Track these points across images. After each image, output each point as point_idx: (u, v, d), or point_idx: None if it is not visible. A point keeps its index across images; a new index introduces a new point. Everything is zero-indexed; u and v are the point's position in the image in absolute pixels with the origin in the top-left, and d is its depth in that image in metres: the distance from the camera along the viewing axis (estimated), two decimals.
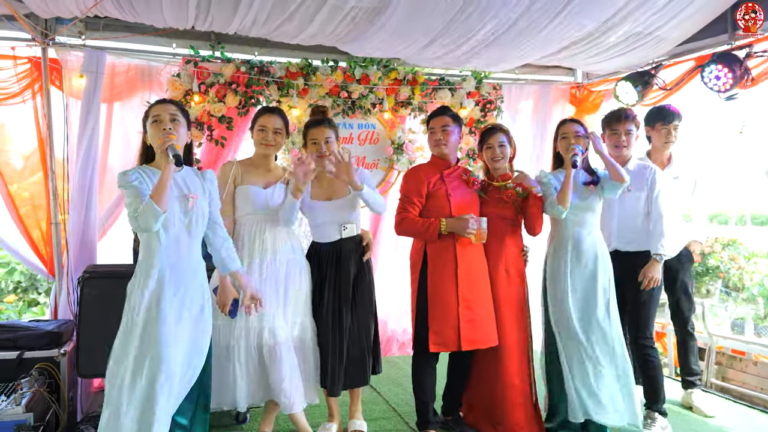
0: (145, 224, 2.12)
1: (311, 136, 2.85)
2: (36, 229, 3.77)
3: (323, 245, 2.86)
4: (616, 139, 3.13)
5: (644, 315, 3.05)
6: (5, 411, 2.70)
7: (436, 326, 2.78)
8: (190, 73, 3.93)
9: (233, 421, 3.14)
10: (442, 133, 2.91)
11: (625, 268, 3.02)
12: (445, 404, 3.08)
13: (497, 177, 3.01)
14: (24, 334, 3.26)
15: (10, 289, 5.14)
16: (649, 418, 2.99)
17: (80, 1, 3.05)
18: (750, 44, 3.45)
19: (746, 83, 3.42)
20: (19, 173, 3.76)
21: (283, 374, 2.63)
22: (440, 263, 2.82)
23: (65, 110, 3.76)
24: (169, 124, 2.26)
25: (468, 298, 2.81)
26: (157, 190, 2.12)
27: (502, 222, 2.94)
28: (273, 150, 2.86)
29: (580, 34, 3.51)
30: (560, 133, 2.98)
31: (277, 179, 2.85)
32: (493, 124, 3.16)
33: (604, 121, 3.26)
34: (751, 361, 3.77)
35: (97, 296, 3.02)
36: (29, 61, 3.70)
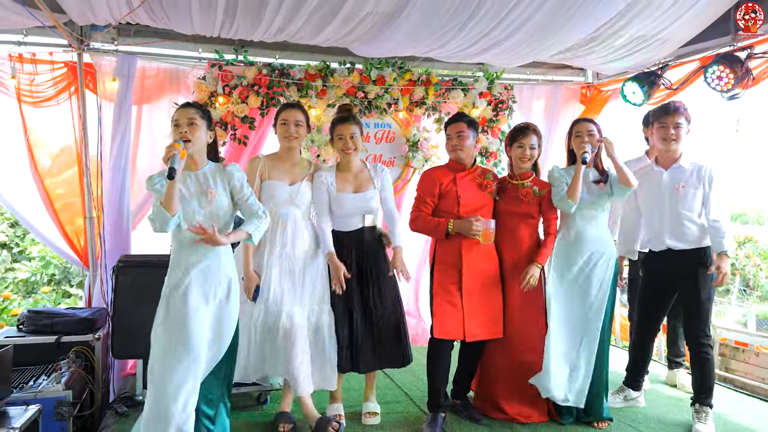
0: (160, 227, 2.35)
1: (338, 132, 3.05)
2: (70, 223, 4.01)
3: (346, 233, 3.05)
4: (665, 132, 3.05)
5: (705, 313, 3.03)
6: (47, 388, 2.93)
7: (440, 317, 2.96)
8: (215, 75, 4.14)
9: (255, 402, 3.35)
10: (457, 138, 3.05)
11: (679, 266, 3.04)
12: (455, 388, 3.24)
13: (518, 175, 3.13)
14: (61, 320, 3.50)
15: (45, 281, 5.44)
16: (702, 413, 3.03)
17: (116, 9, 3.27)
18: (751, 45, 3.54)
19: (747, 83, 3.51)
20: (54, 171, 4.00)
21: (295, 357, 2.82)
22: (446, 260, 3.00)
23: (99, 111, 4.00)
24: (186, 128, 2.44)
25: (471, 293, 2.96)
26: (165, 197, 2.33)
27: (517, 218, 3.06)
28: (296, 143, 3.02)
29: (586, 37, 3.63)
30: (574, 131, 3.08)
31: (302, 173, 3.03)
32: (527, 124, 3.17)
33: (653, 114, 3.21)
34: (753, 352, 3.86)
35: (131, 284, 3.24)
36: (65, 65, 3.96)
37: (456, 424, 3.05)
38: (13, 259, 5.57)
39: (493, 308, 3.02)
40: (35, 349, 3.36)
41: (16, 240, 5.59)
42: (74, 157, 3.99)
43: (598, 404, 3.07)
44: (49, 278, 5.43)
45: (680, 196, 3.05)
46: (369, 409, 3.12)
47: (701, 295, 3.00)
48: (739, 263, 6.90)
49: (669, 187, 3.10)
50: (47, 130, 3.98)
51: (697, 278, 3.01)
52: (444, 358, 3.01)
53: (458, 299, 2.96)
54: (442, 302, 2.97)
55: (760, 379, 3.77)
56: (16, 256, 5.59)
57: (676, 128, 3.04)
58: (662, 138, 3.08)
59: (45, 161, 3.97)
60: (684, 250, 3.06)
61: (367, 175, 3.10)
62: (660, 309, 3.25)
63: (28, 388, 2.94)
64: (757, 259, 7.02)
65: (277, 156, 3.06)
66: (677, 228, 3.07)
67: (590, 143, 2.99)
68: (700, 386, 3.08)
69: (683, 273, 3.05)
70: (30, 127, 3.88)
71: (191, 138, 2.43)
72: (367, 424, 3.05)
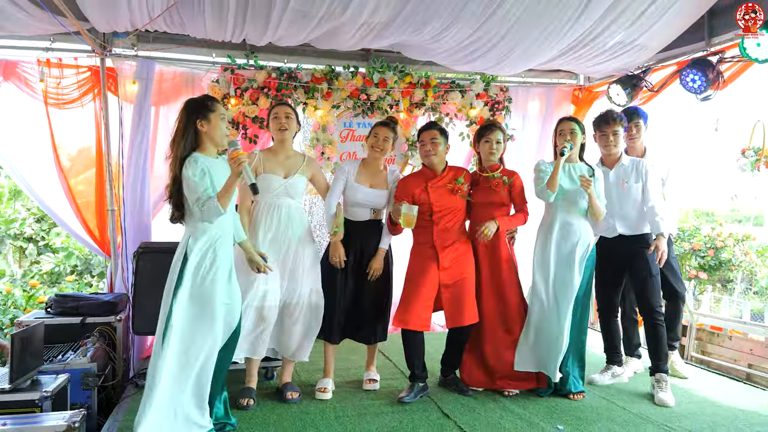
0: (207, 218, 2.55)
1: (375, 131, 3.38)
2: (92, 216, 4.31)
3: (353, 222, 3.34)
4: (605, 140, 3.48)
5: (655, 286, 3.41)
6: (74, 361, 3.24)
7: (402, 307, 3.26)
8: (228, 79, 4.44)
9: (263, 378, 3.63)
10: (431, 144, 3.30)
11: (629, 250, 3.44)
12: (443, 367, 3.52)
13: (487, 168, 3.42)
14: (86, 303, 3.81)
15: (68, 272, 5.78)
16: (662, 381, 3.35)
17: (136, 17, 3.57)
18: (722, 50, 3.76)
19: (719, 85, 3.73)
20: (76, 169, 4.29)
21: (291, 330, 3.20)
22: (420, 257, 3.31)
23: (120, 112, 4.31)
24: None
25: (449, 286, 3.26)
26: (223, 195, 2.52)
27: (491, 207, 3.35)
28: (288, 134, 3.27)
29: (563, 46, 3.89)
30: (558, 129, 3.40)
31: (296, 166, 3.30)
32: (493, 122, 3.52)
33: (594, 124, 3.58)
34: (727, 336, 4.07)
35: (150, 267, 3.54)
36: (89, 69, 4.27)
37: (445, 395, 3.37)
38: (38, 252, 5.92)
39: (468, 299, 3.28)
40: (62, 329, 3.67)
41: (41, 234, 5.94)
42: (95, 156, 4.29)
43: (573, 378, 3.34)
44: (72, 269, 5.77)
45: (625, 191, 3.44)
46: (370, 377, 3.48)
47: (652, 270, 3.39)
48: (735, 259, 7.06)
49: (615, 185, 3.48)
50: (71, 131, 4.27)
51: (645, 257, 3.38)
52: (414, 340, 3.31)
53: (424, 293, 3.23)
54: (406, 295, 3.27)
55: (732, 360, 3.98)
56: (42, 249, 5.93)
57: (615, 135, 3.45)
58: (604, 145, 3.51)
59: (68, 159, 4.26)
60: (632, 235, 3.46)
61: (384, 176, 3.43)
62: (616, 287, 3.61)
63: (58, 361, 3.24)
64: (753, 256, 7.18)
65: (272, 150, 3.33)
66: (625, 218, 3.46)
67: (572, 140, 3.28)
68: (655, 353, 3.41)
69: (632, 254, 3.43)
70: (55, 128, 4.19)
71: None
72: (367, 389, 3.42)
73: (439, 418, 3.05)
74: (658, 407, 3.25)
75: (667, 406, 3.25)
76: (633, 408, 3.23)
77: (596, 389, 3.53)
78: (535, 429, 2.92)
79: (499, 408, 3.20)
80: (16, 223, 5.77)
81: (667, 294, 3.75)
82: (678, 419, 3.07)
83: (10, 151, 4.16)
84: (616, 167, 3.50)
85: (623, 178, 3.46)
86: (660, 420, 3.05)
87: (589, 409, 3.21)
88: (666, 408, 3.24)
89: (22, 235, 5.88)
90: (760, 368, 3.81)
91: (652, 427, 2.97)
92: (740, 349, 3.96)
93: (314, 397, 3.28)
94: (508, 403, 3.28)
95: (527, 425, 2.97)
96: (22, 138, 4.17)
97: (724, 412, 3.20)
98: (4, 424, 2.42)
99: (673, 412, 3.19)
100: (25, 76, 4.11)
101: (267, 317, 3.13)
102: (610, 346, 3.71)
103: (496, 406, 3.23)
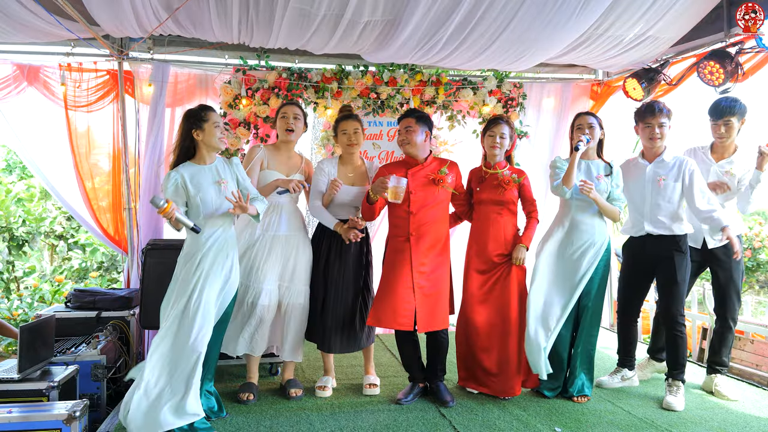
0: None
1: (342, 128, 3.33)
2: (110, 215, 4.48)
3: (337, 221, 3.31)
4: (650, 132, 3.29)
5: (680, 295, 3.22)
6: (85, 353, 3.37)
7: (378, 304, 3.15)
8: (239, 80, 4.53)
9: (267, 373, 3.70)
10: (405, 133, 3.18)
11: (657, 251, 3.26)
12: (426, 375, 3.32)
13: (494, 165, 3.32)
14: (101, 298, 3.98)
15: (94, 268, 6.02)
16: (674, 386, 3.24)
17: (145, 22, 3.68)
18: (742, 41, 3.60)
19: (738, 77, 3.57)
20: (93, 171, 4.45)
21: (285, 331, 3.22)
22: (396, 251, 3.17)
23: (136, 114, 4.47)
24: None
25: (422, 285, 3.12)
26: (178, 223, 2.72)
27: (500, 206, 3.25)
28: (294, 135, 3.31)
29: (572, 39, 3.79)
30: (576, 124, 3.31)
31: (296, 166, 3.35)
32: (500, 116, 3.39)
33: (637, 115, 3.39)
34: (749, 340, 3.89)
35: (158, 264, 3.65)
36: (108, 73, 4.44)
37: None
38: (69, 248, 6.19)
39: (441, 301, 3.19)
40: (79, 323, 3.85)
41: (71, 231, 6.20)
42: (113, 155, 4.46)
43: (580, 381, 3.26)
44: (98, 265, 6.00)
45: (661, 188, 3.26)
46: (369, 381, 3.42)
47: (677, 277, 3.20)
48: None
49: (651, 180, 3.29)
50: (90, 133, 4.45)
51: (673, 262, 3.21)
52: (406, 342, 3.24)
53: (400, 291, 3.09)
54: (382, 292, 3.15)
55: (754, 365, 3.81)
56: (72, 246, 6.20)
57: (660, 127, 3.27)
58: (648, 137, 3.32)
59: (86, 161, 4.42)
60: (661, 235, 3.26)
61: (364, 171, 3.37)
62: (639, 291, 3.43)
63: (69, 353, 3.38)
64: None
65: (276, 147, 3.37)
66: (656, 216, 3.27)
67: (590, 135, 3.19)
68: (673, 362, 3.27)
69: (661, 257, 3.25)
70: (74, 131, 4.37)
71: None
72: (367, 394, 3.34)
73: (435, 417, 3.03)
74: (665, 412, 3.15)
75: (673, 410, 3.15)
76: (638, 412, 3.14)
77: (603, 392, 3.44)
78: (531, 430, 2.87)
79: (498, 408, 3.16)
80: (46, 220, 6.04)
81: (718, 309, 3.47)
82: (684, 424, 2.97)
83: (34, 154, 4.37)
84: (655, 162, 3.31)
85: (662, 175, 3.27)
86: (665, 425, 2.95)
87: (591, 412, 3.14)
88: (673, 413, 3.13)
89: (53, 233, 6.16)
90: None
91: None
92: (763, 353, 3.79)
93: (314, 394, 3.31)
94: (507, 403, 3.23)
95: (524, 426, 2.92)
96: (44, 141, 4.37)
97: (735, 419, 3.07)
98: (9, 411, 2.55)
99: (680, 417, 3.09)
100: (46, 80, 4.30)
101: (263, 316, 3.18)
102: (623, 349, 3.58)
103: (494, 407, 3.18)
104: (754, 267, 7.48)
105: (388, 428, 2.87)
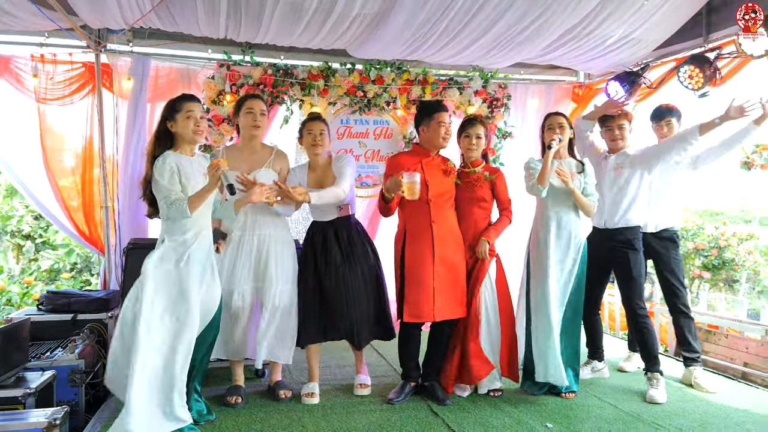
0: (174, 216, 2.62)
1: (307, 128, 3.28)
2: (83, 214, 4.29)
3: (326, 222, 3.28)
4: (611, 134, 3.54)
5: (637, 287, 3.38)
6: (62, 357, 3.23)
7: (411, 299, 3.12)
8: (223, 75, 4.42)
9: (253, 375, 3.62)
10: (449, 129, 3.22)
11: (614, 243, 3.42)
12: (424, 371, 3.34)
13: (469, 163, 3.37)
14: (77, 300, 3.82)
15: (67, 269, 5.80)
16: (654, 379, 3.32)
17: (127, 13, 3.57)
18: (720, 47, 3.71)
19: (716, 82, 3.67)
20: (68, 166, 4.25)
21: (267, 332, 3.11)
22: (418, 241, 3.15)
23: (115, 109, 4.31)
24: (201, 122, 2.72)
25: (442, 273, 3.13)
26: (195, 200, 2.58)
27: (472, 202, 3.29)
28: (259, 131, 3.21)
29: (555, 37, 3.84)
30: (546, 124, 3.37)
31: (262, 160, 3.19)
32: (475, 116, 3.45)
33: (600, 119, 3.61)
34: (723, 335, 4.01)
35: (139, 264, 3.48)
36: (84, 65, 4.25)
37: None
38: (36, 249, 5.94)
39: (459, 289, 3.21)
40: (53, 326, 3.69)
41: (39, 231, 5.95)
42: (88, 152, 4.27)
43: (567, 377, 3.28)
44: (72, 266, 5.78)
45: (618, 177, 3.45)
46: (360, 381, 3.37)
47: (632, 272, 3.36)
48: (739, 259, 6.98)
49: (611, 169, 3.47)
50: (62, 128, 4.25)
51: (627, 258, 3.37)
52: (413, 337, 3.25)
53: (429, 279, 3.10)
54: (414, 285, 3.12)
55: (729, 359, 3.93)
56: (40, 247, 5.95)
57: (620, 129, 3.52)
58: (610, 139, 3.57)
59: (57, 158, 4.22)
60: (617, 229, 3.44)
61: (330, 169, 3.27)
62: (598, 284, 3.58)
63: (45, 358, 3.23)
64: (757, 255, 7.11)
65: (237, 147, 3.25)
66: (613, 207, 3.45)
67: (560, 134, 3.25)
68: (646, 355, 3.37)
69: (616, 252, 3.42)
70: (45, 125, 4.16)
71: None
72: (358, 394, 3.30)
73: (428, 416, 3.02)
74: (650, 405, 3.21)
75: (656, 403, 3.21)
76: (624, 406, 3.19)
77: (589, 387, 3.49)
78: (523, 427, 2.88)
79: (490, 406, 3.17)
80: (13, 219, 5.79)
81: (668, 300, 3.64)
82: (669, 417, 3.03)
83: (2, 149, 4.16)
84: (618, 153, 3.54)
85: (620, 163, 3.48)
86: (650, 418, 3.01)
87: (580, 407, 3.17)
88: (657, 406, 3.20)
89: (20, 233, 5.90)
90: (755, 367, 3.75)
91: (642, 425, 2.92)
92: (736, 347, 3.90)
93: (301, 401, 3.19)
94: (499, 401, 3.24)
95: (516, 423, 2.93)
96: (13, 135, 4.16)
97: (716, 411, 3.15)
98: None
99: (664, 409, 3.15)
100: (17, 72, 4.10)
101: (238, 317, 3.10)
102: (590, 342, 3.71)
103: (486, 404, 3.19)
104: (720, 265, 7.74)
105: (381, 428, 2.84)
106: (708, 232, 7.47)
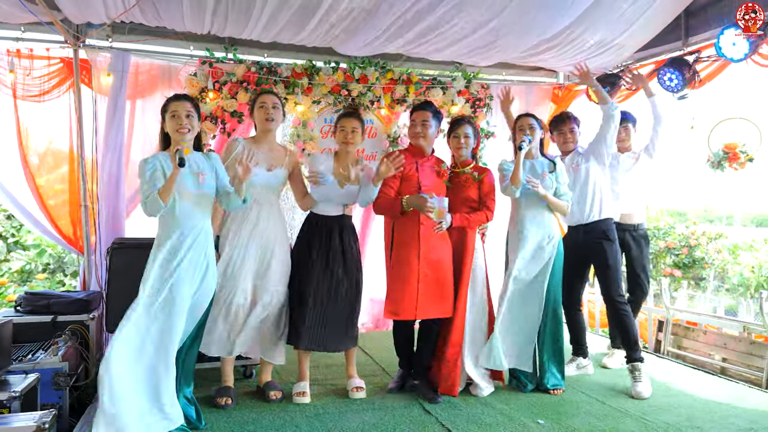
0: (150, 212, 2.62)
1: (341, 124, 3.27)
2: (62, 212, 4.17)
3: (327, 217, 3.24)
4: (563, 138, 3.70)
5: (615, 276, 3.50)
6: (45, 360, 3.13)
7: (392, 296, 3.16)
8: (206, 72, 4.35)
9: (241, 376, 3.57)
10: (422, 126, 3.27)
11: (588, 238, 3.56)
12: (414, 368, 3.38)
13: (459, 163, 3.41)
14: (56, 301, 3.70)
15: (40, 270, 5.61)
16: (636, 371, 3.40)
17: (111, 8, 3.48)
18: (698, 50, 3.82)
19: (695, 84, 3.79)
20: (46, 164, 4.14)
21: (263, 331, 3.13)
22: (404, 242, 3.18)
23: (94, 105, 4.19)
24: (185, 120, 2.70)
25: (427, 274, 3.14)
26: (163, 188, 2.58)
27: (459, 202, 3.32)
28: (274, 125, 3.20)
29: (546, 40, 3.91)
30: (518, 126, 3.46)
31: (280, 159, 3.22)
32: (462, 116, 3.51)
33: (551, 124, 3.76)
34: (702, 331, 4.14)
35: (124, 264, 3.45)
36: (62, 61, 4.13)
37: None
38: (8, 249, 5.73)
39: (445, 289, 3.23)
40: (32, 328, 3.56)
41: (12, 231, 5.75)
42: (67, 150, 4.15)
43: (551, 374, 3.37)
44: (44, 267, 5.60)
45: (578, 173, 3.58)
46: (355, 384, 3.32)
47: (608, 262, 3.50)
48: (708, 257, 7.21)
49: (570, 169, 3.60)
50: (40, 125, 4.13)
51: (603, 249, 3.50)
52: (403, 333, 3.34)
53: (414, 279, 3.12)
54: (397, 283, 3.15)
55: (707, 354, 4.05)
56: (12, 247, 5.75)
57: (571, 133, 3.69)
58: (562, 142, 3.73)
59: (36, 156, 4.10)
60: (590, 223, 3.55)
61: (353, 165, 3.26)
62: (577, 280, 3.69)
63: (27, 361, 3.13)
64: (725, 254, 7.37)
65: (255, 141, 3.23)
66: (581, 203, 3.56)
67: (531, 135, 3.33)
68: (627, 342, 3.46)
69: (592, 245, 3.54)
70: (23, 123, 4.03)
71: (191, 128, 2.71)
72: (355, 398, 3.25)
73: (421, 414, 3.03)
74: (636, 400, 3.29)
75: (642, 399, 3.30)
76: (612, 402, 3.26)
77: (576, 383, 3.56)
78: (515, 424, 2.93)
79: (481, 404, 3.20)
80: None
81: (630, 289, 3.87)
82: (656, 412, 3.11)
83: None
84: (571, 154, 3.70)
85: (575, 161, 3.63)
86: (638, 413, 3.08)
87: (569, 403, 3.23)
88: (644, 401, 3.28)
89: None
90: (733, 362, 3.87)
91: (631, 421, 2.99)
92: (715, 343, 4.03)
93: (292, 401, 3.17)
94: (490, 398, 3.28)
95: (508, 420, 2.97)
96: None
97: (700, 405, 3.25)
98: None
99: (650, 405, 3.23)
100: None
101: (236, 315, 3.07)
102: (573, 339, 3.78)
103: (477, 402, 3.23)
104: (690, 263, 7.99)
105: (375, 427, 2.84)
106: (679, 231, 7.70)
